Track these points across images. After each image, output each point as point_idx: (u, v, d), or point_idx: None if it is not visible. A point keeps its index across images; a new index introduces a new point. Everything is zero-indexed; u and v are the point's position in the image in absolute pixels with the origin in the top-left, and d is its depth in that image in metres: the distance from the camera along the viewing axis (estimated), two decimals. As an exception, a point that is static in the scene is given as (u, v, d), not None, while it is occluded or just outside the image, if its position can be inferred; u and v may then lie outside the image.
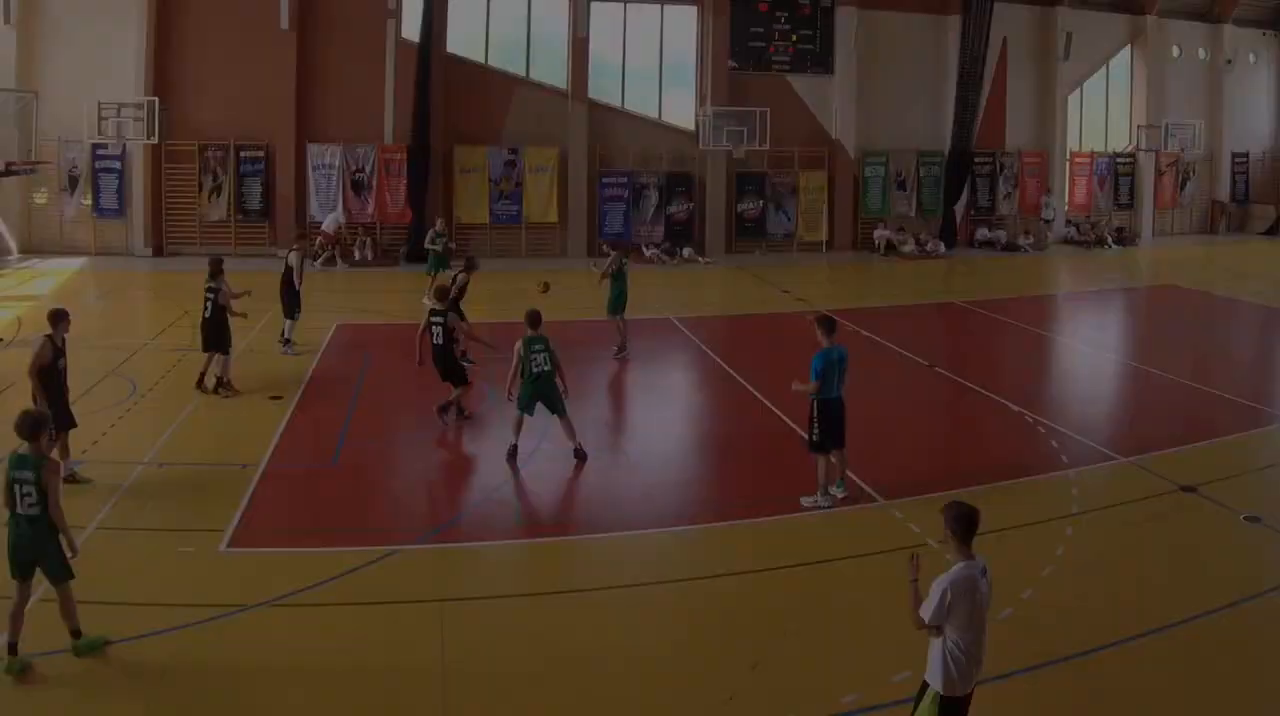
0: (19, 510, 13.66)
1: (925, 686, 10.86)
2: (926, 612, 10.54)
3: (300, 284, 31.43)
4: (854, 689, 13.17)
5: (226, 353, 27.12)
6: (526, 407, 21.76)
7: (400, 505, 20.48)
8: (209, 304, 27.09)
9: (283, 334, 31.44)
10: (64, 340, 20.28)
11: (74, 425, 20.44)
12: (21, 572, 13.79)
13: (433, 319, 24.81)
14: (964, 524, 10.85)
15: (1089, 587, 16.51)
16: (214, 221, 51.58)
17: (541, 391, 21.70)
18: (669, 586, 16.71)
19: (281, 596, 15.68)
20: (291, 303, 31.42)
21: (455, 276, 29.77)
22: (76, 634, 13.99)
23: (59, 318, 20.36)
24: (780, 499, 19.85)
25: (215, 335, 27.24)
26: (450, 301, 26.58)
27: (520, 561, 18.12)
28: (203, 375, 27.43)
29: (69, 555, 13.84)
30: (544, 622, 15.49)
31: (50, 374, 19.82)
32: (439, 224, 41.92)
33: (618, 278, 32.36)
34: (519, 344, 21.46)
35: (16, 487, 13.65)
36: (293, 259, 31.43)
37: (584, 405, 26.86)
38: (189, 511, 19.10)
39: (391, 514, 19.86)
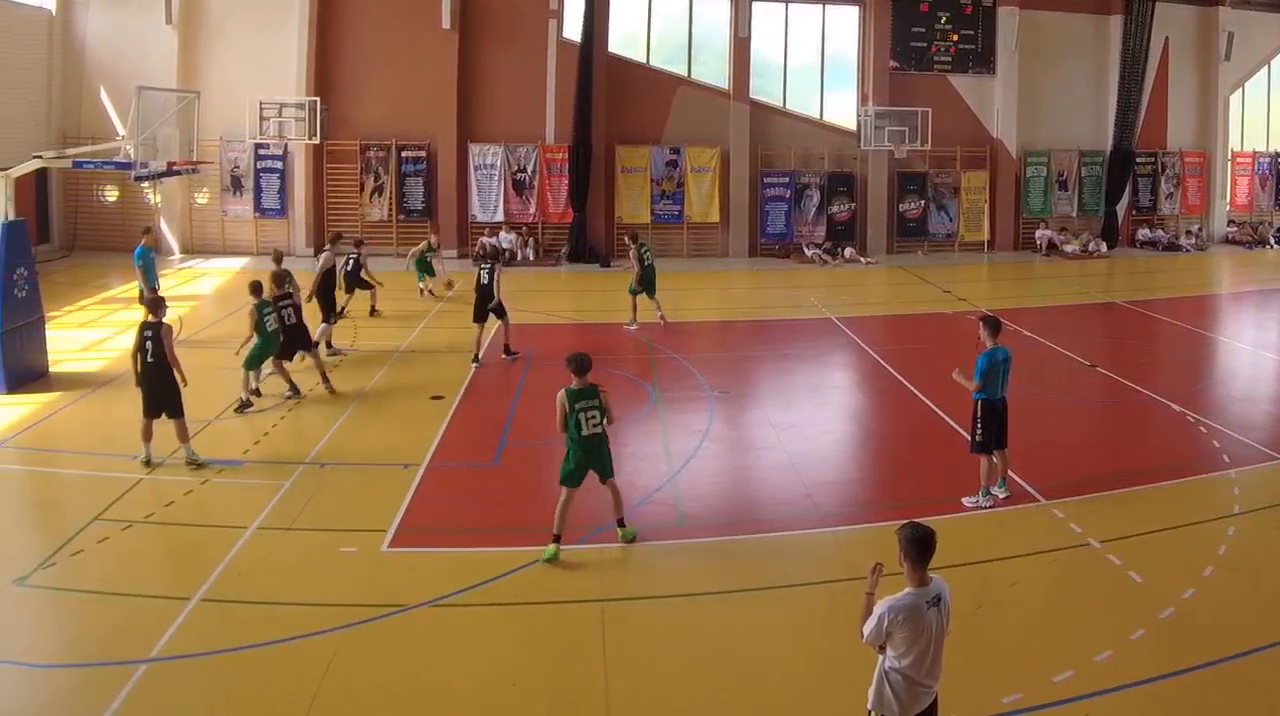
0: (585, 432, 17.43)
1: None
2: (865, 630, 10.36)
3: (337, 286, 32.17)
4: (1015, 688, 13.14)
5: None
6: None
7: (562, 505, 20.55)
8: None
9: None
10: None
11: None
12: (578, 481, 17.67)
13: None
14: (916, 547, 10.43)
15: (1251, 587, 16.36)
16: (375, 221, 52.09)
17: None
18: (830, 586, 16.69)
19: (443, 596, 15.90)
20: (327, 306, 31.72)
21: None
22: (621, 522, 18.26)
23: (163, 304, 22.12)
24: (942, 499, 19.86)
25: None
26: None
27: (682, 561, 18.00)
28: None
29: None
30: (706, 623, 15.56)
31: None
32: (433, 239, 41.31)
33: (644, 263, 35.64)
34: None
35: (581, 415, 17.37)
36: (324, 260, 31.99)
37: (747, 403, 27.16)
38: (351, 511, 19.43)
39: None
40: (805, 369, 31.61)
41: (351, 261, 35.19)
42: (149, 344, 20.91)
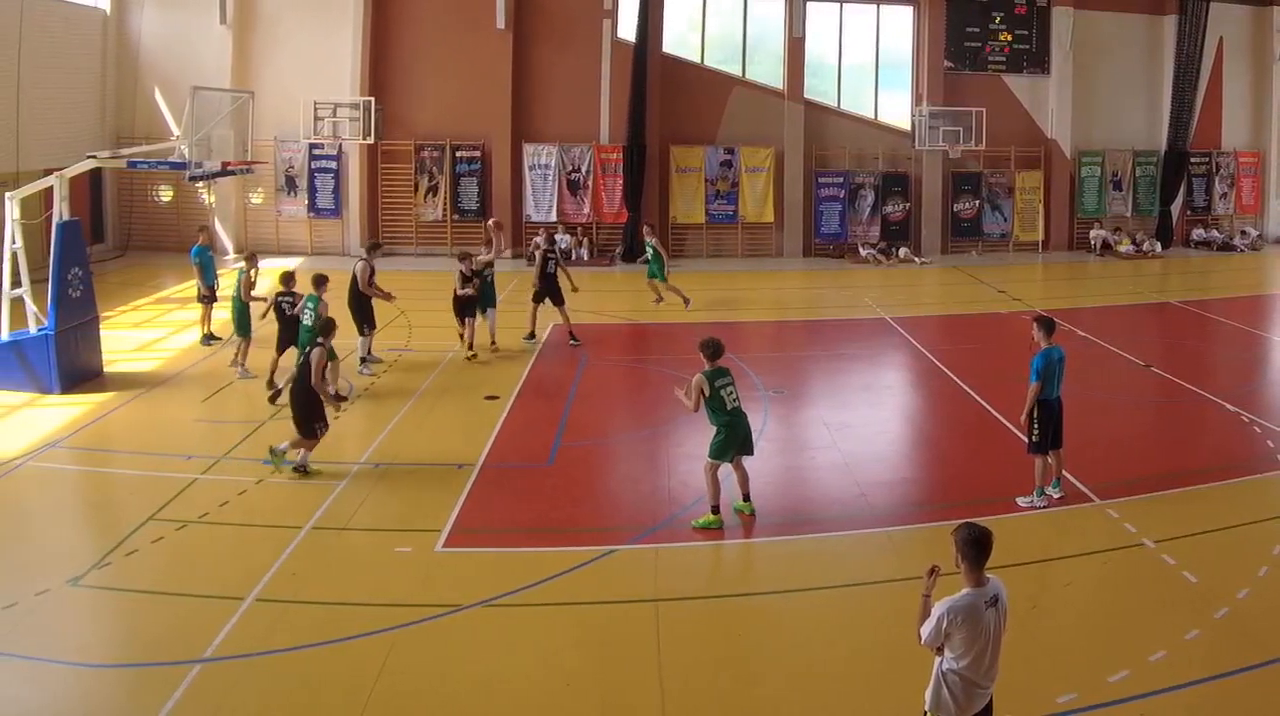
0: (730, 405, 18.84)
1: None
2: (924, 632, 10.31)
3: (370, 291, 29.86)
4: (1070, 688, 13.11)
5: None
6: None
7: (615, 505, 20.67)
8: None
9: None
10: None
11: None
12: (730, 455, 19.03)
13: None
14: (973, 547, 10.40)
15: (1306, 588, 16.20)
16: (429, 221, 52.57)
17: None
18: (884, 586, 16.71)
19: (497, 596, 15.93)
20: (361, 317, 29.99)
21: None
22: (747, 497, 19.33)
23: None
24: (995, 499, 19.83)
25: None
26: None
27: (736, 561, 18.25)
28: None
29: None
30: (760, 623, 15.62)
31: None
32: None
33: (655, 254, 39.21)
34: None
35: (723, 392, 18.79)
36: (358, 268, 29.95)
37: (801, 403, 27.21)
38: (405, 511, 19.55)
39: (607, 513, 20.09)
40: (859, 369, 31.63)
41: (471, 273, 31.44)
42: (302, 359, 21.53)
